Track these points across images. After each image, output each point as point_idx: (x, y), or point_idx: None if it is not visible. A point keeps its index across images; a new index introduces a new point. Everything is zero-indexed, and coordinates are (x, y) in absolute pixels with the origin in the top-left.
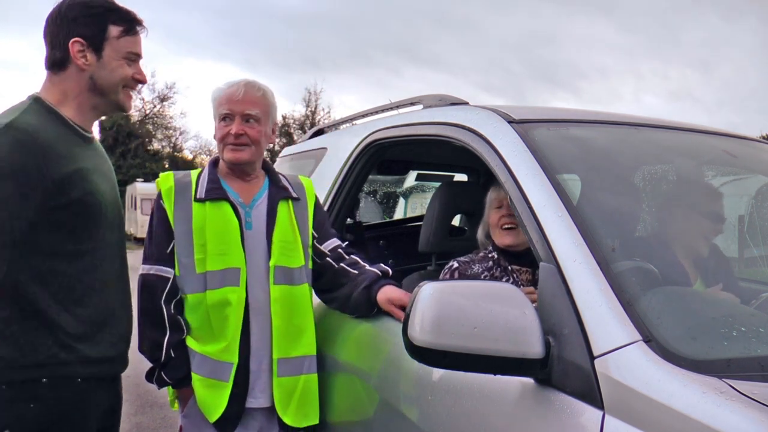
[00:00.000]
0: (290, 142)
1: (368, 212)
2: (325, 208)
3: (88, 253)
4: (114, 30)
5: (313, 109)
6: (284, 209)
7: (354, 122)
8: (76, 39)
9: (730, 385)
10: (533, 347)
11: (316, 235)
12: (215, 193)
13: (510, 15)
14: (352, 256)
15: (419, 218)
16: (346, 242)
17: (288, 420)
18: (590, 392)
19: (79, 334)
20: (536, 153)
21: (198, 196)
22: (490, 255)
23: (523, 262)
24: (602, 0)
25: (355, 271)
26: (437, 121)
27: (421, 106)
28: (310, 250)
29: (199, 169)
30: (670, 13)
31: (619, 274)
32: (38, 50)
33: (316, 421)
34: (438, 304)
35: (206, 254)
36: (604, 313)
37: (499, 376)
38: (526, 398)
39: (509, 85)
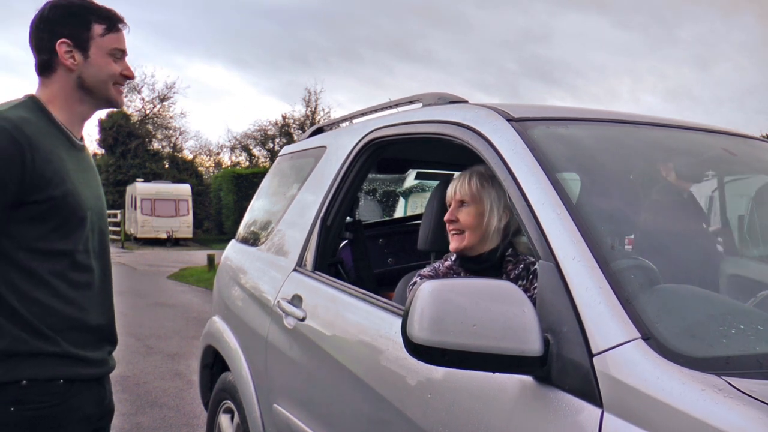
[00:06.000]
0: (290, 141)
1: (368, 211)
2: (325, 207)
3: (66, 255)
4: (97, 28)
5: (313, 109)
6: None
7: (353, 121)
8: (63, 40)
9: (729, 383)
10: (532, 345)
11: None
12: None
13: (503, 11)
14: None
15: (418, 216)
16: (346, 240)
17: None
18: (589, 390)
19: (57, 328)
20: (535, 151)
21: None
22: (454, 268)
23: (485, 270)
24: None
25: None
26: (436, 120)
27: (420, 105)
28: None
29: None
30: (665, 9)
31: (618, 272)
32: (27, 51)
33: None
34: (437, 302)
35: None
36: (603, 311)
37: (498, 374)
38: (525, 396)
39: (504, 83)
